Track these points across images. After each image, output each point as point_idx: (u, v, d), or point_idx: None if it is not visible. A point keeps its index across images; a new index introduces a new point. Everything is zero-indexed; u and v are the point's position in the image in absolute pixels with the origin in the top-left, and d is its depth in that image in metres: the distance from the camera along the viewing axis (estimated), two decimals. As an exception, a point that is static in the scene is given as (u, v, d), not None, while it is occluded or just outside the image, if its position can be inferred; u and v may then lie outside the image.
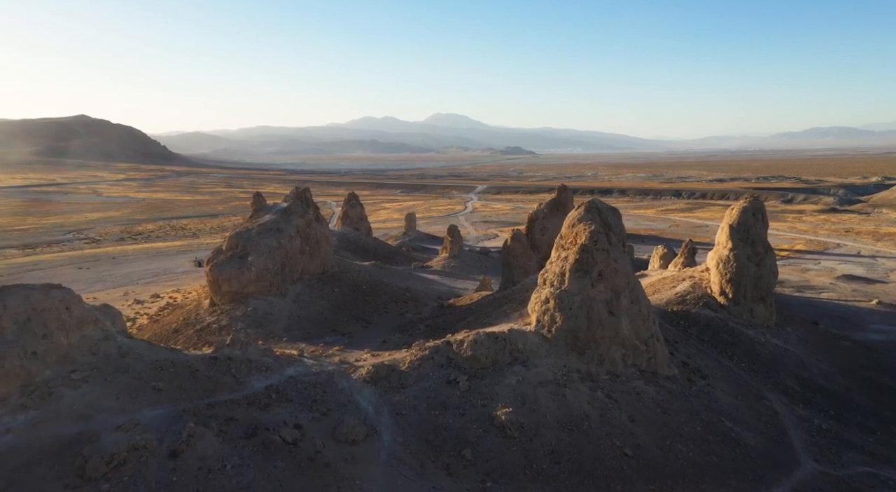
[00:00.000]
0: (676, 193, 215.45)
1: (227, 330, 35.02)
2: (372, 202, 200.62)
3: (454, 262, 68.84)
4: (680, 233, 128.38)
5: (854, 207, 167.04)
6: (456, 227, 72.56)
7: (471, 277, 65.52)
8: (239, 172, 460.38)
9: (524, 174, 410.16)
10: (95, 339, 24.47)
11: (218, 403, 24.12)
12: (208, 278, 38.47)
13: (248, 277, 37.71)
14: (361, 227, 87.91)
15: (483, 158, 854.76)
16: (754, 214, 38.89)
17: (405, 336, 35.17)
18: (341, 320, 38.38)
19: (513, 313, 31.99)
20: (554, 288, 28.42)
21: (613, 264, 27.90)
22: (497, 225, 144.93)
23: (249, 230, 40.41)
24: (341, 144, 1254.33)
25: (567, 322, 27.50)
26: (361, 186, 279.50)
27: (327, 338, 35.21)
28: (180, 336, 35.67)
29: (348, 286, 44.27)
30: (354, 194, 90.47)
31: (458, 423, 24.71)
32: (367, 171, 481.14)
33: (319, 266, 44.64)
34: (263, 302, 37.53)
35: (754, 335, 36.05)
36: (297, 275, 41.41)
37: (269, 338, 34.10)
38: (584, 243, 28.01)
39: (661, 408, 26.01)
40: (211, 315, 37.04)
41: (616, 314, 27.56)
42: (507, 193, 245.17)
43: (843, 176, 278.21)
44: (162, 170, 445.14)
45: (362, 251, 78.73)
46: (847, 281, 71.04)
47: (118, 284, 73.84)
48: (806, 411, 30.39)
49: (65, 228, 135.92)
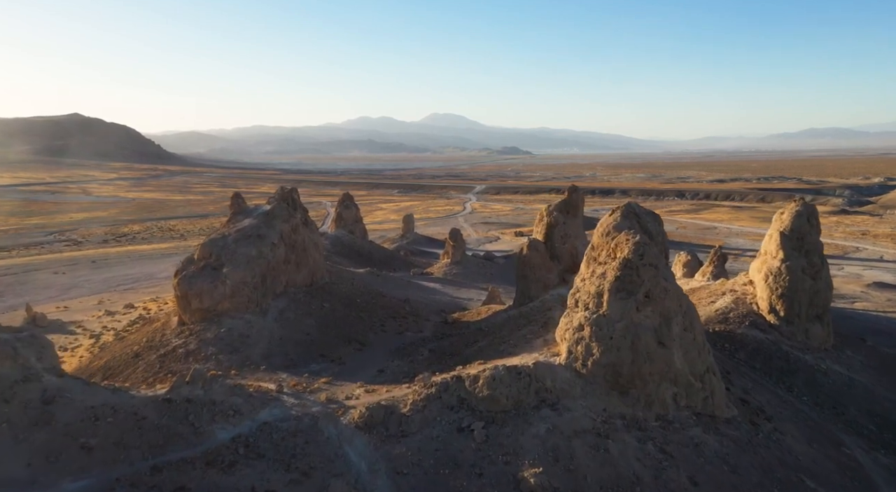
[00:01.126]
0: (679, 194, 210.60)
1: (195, 355, 29.66)
2: (368, 202, 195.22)
3: (456, 268, 63.56)
4: (689, 236, 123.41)
5: (864, 208, 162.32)
6: (458, 230, 67.27)
7: (475, 286, 60.26)
8: (234, 171, 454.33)
9: (522, 174, 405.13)
10: (11, 381, 19.09)
11: (167, 464, 18.77)
12: (176, 293, 33.11)
13: (222, 291, 32.36)
14: (356, 229, 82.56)
15: (480, 158, 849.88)
16: (808, 219, 33.75)
17: (405, 363, 29.90)
18: (331, 342, 33.04)
19: (535, 339, 26.74)
20: (589, 312, 23.17)
21: (663, 283, 22.66)
22: (498, 227, 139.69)
23: (225, 237, 35.05)
24: (338, 144, 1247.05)
25: (607, 355, 22.25)
26: (358, 186, 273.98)
27: (314, 365, 29.89)
28: (141, 362, 30.30)
29: (340, 300, 38.92)
30: (349, 195, 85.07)
31: (474, 486, 19.45)
32: (364, 171, 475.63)
33: (307, 277, 39.29)
34: (240, 321, 32.16)
35: (813, 361, 30.83)
36: (280, 288, 36.07)
37: (244, 366, 28.76)
38: (628, 258, 22.75)
39: (727, 465, 20.76)
40: (178, 337, 31.67)
41: (667, 345, 22.32)
42: (507, 193, 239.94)
43: (844, 177, 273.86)
44: (155, 169, 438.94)
45: (357, 256, 73.41)
46: (880, 289, 66.00)
47: (94, 291, 68.42)
48: (890, 458, 25.21)
49: (47, 229, 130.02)
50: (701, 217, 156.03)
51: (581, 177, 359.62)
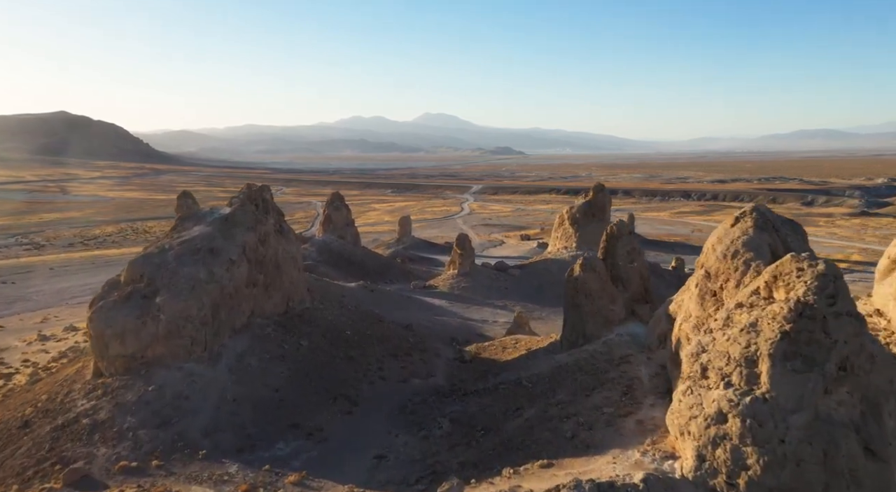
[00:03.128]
0: (685, 195, 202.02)
1: (103, 432, 19.98)
2: (361, 203, 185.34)
3: (465, 281, 54.02)
4: (705, 239, 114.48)
5: (885, 210, 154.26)
6: (466, 236, 57.71)
7: (488, 303, 50.76)
8: (223, 170, 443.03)
9: (517, 174, 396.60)
10: None
11: None
12: (89, 333, 23.44)
13: (152, 331, 22.68)
14: (347, 234, 72.86)
15: (473, 158, 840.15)
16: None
17: (416, 440, 20.34)
18: (309, 401, 23.38)
19: (620, 418, 17.26)
20: (734, 391, 13.73)
21: (868, 346, 13.30)
22: (500, 229, 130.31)
23: (165, 252, 25.32)
24: (330, 144, 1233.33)
25: (775, 472, 12.85)
26: (350, 185, 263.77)
27: (281, 444, 20.28)
28: (27, 438, 20.59)
29: (324, 334, 29.22)
30: (339, 195, 75.25)
31: None
32: (356, 170, 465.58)
33: (280, 303, 29.62)
34: (177, 374, 22.47)
35: None
36: (241, 322, 26.39)
37: (174, 450, 19.15)
38: (807, 302, 13.32)
39: None
40: (87, 397, 21.94)
41: (880, 454, 12.98)
42: (505, 193, 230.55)
43: (844, 177, 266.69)
44: (142, 168, 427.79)
45: (347, 265, 63.75)
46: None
47: (42, 306, 58.49)
48: None
49: (10, 232, 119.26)
50: (714, 219, 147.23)
51: (577, 177, 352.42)
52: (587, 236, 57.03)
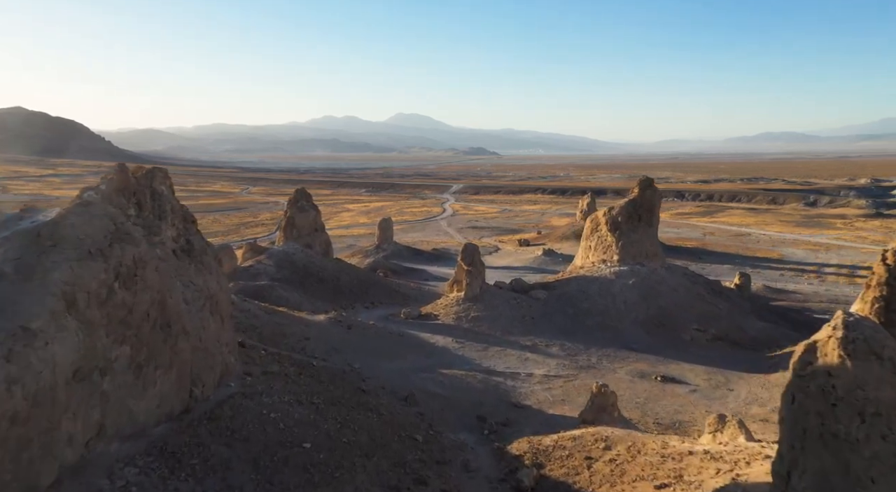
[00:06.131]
0: (679, 195, 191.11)
1: None
2: (333, 203, 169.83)
3: (476, 309, 39.70)
4: (724, 243, 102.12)
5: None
6: (475, 247, 43.35)
7: (511, 341, 36.54)
8: (189, 169, 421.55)
9: (493, 174, 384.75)
10: None
11: None
12: None
13: None
14: (316, 241, 58.02)
15: (447, 158, 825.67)
16: None
17: None
18: None
19: None
20: None
21: None
22: (490, 232, 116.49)
23: None
24: (302, 143, 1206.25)
25: None
26: (321, 184, 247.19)
27: None
28: None
29: (258, 461, 14.75)
30: (305, 192, 60.18)
31: None
32: (328, 169, 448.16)
33: (174, 395, 15.16)
34: None
35: None
36: (70, 456, 12.01)
37: None
38: None
39: None
40: None
41: None
42: (488, 193, 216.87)
43: (824, 178, 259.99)
44: (100, 166, 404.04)
45: (315, 283, 49.04)
46: None
47: None
48: None
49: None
50: (720, 220, 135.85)
51: (555, 177, 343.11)
52: (632, 247, 43.35)
